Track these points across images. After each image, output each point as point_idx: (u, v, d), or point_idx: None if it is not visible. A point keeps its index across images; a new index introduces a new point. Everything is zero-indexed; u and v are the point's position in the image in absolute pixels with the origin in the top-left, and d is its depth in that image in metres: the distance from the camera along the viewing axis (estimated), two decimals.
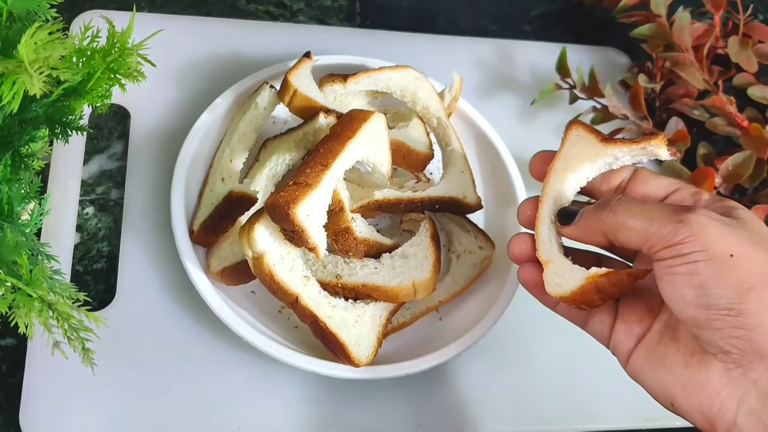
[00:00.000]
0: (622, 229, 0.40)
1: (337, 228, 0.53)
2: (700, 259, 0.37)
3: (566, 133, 0.46)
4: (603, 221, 0.41)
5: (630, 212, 0.40)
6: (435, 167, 0.65)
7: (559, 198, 0.45)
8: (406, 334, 0.57)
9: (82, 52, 0.46)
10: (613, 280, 0.41)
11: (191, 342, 0.55)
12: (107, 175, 0.62)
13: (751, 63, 0.68)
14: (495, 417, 0.58)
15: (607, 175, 0.45)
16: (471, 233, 0.60)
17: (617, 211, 0.41)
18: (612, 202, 0.42)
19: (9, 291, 0.42)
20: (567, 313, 0.46)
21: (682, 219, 0.38)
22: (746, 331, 0.36)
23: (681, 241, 0.38)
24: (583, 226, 0.43)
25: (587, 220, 0.43)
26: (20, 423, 0.50)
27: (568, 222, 0.44)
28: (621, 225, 0.40)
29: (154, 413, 0.52)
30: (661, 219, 0.39)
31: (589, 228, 0.43)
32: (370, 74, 0.63)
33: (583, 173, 0.45)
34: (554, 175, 0.46)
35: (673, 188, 0.44)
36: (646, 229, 0.39)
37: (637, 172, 0.45)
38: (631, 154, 0.44)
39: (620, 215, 0.41)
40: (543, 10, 0.84)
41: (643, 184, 0.45)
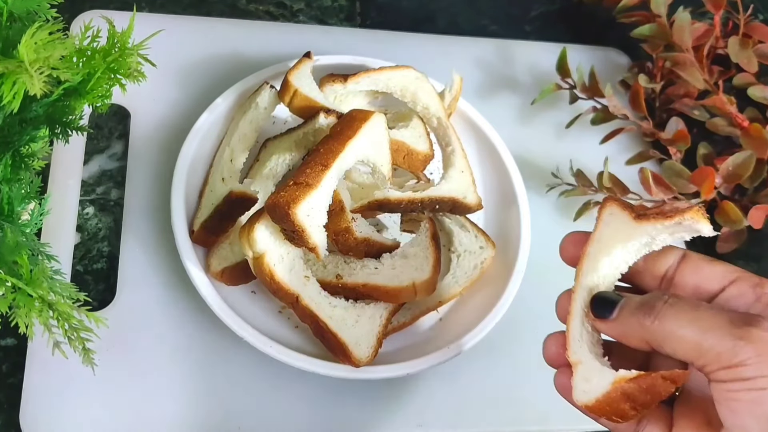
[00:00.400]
0: (669, 339, 0.34)
1: (338, 228, 0.53)
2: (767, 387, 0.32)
3: (600, 211, 0.40)
4: (646, 327, 0.35)
5: (679, 320, 0.34)
6: (435, 167, 0.65)
7: (594, 288, 0.39)
8: (406, 334, 0.57)
9: (83, 52, 0.46)
10: (645, 385, 0.35)
11: (191, 342, 0.55)
12: (107, 175, 0.62)
13: (752, 63, 0.68)
14: (495, 417, 0.58)
15: (651, 260, 0.39)
16: (471, 233, 0.60)
17: (664, 317, 0.35)
18: (658, 304, 0.35)
19: (9, 291, 0.42)
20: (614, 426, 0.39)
21: (743, 335, 0.32)
22: None
23: (743, 363, 0.32)
24: (621, 325, 0.37)
25: (626, 320, 0.37)
26: (20, 423, 0.50)
27: (603, 314, 0.38)
28: (668, 335, 0.34)
29: (154, 413, 0.52)
30: (718, 332, 0.33)
31: (629, 330, 0.36)
32: (371, 74, 0.63)
33: (618, 257, 0.39)
34: (587, 260, 0.39)
35: (730, 279, 0.37)
36: (698, 343, 0.33)
37: (687, 258, 0.39)
38: (667, 232, 0.38)
39: (667, 323, 0.34)
40: (543, 10, 0.84)
41: (693, 272, 0.38)
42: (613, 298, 0.38)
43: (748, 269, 0.61)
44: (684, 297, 0.36)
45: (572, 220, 0.68)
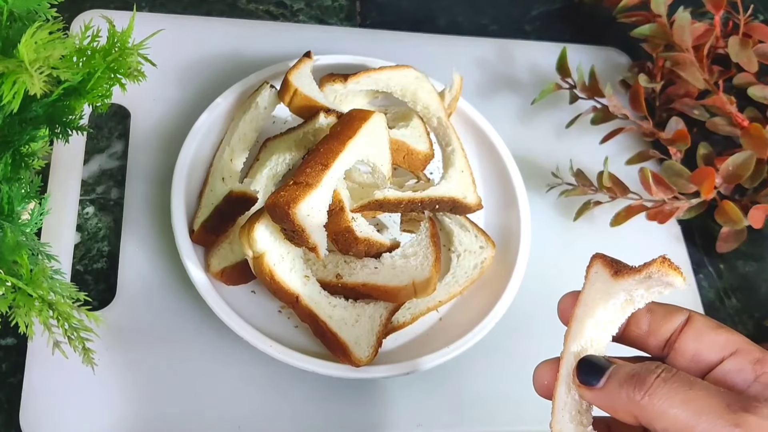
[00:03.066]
0: (660, 418, 0.32)
1: (338, 228, 0.53)
2: None
3: (587, 270, 0.38)
4: (635, 402, 0.33)
5: (672, 399, 0.32)
6: (435, 167, 0.65)
7: (582, 353, 0.37)
8: (406, 334, 0.57)
9: (83, 52, 0.46)
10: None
11: (191, 342, 0.55)
12: (107, 175, 0.62)
13: (752, 63, 0.68)
14: (495, 417, 0.58)
15: (657, 323, 0.37)
16: (471, 233, 0.60)
17: (655, 393, 0.33)
18: (649, 378, 0.33)
19: (9, 290, 0.42)
20: None
21: (739, 421, 0.31)
22: None
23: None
24: (608, 396, 0.35)
25: (614, 392, 0.34)
26: (20, 423, 0.50)
27: (590, 381, 0.35)
28: (659, 414, 0.32)
29: (154, 413, 0.52)
30: (713, 416, 0.31)
31: (617, 403, 0.34)
32: (371, 74, 0.63)
33: (602, 318, 0.37)
34: (575, 323, 0.37)
35: (731, 350, 0.35)
36: (692, 426, 0.31)
37: (692, 321, 0.37)
38: (642, 287, 0.36)
39: (659, 400, 0.33)
40: (543, 10, 0.84)
41: (695, 339, 0.36)
42: (602, 364, 0.36)
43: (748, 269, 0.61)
44: (678, 371, 0.34)
45: (572, 220, 0.68)
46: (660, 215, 0.65)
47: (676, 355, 0.37)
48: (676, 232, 0.70)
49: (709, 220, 0.69)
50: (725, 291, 0.69)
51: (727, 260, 0.70)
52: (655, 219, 0.65)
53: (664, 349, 0.37)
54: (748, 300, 0.68)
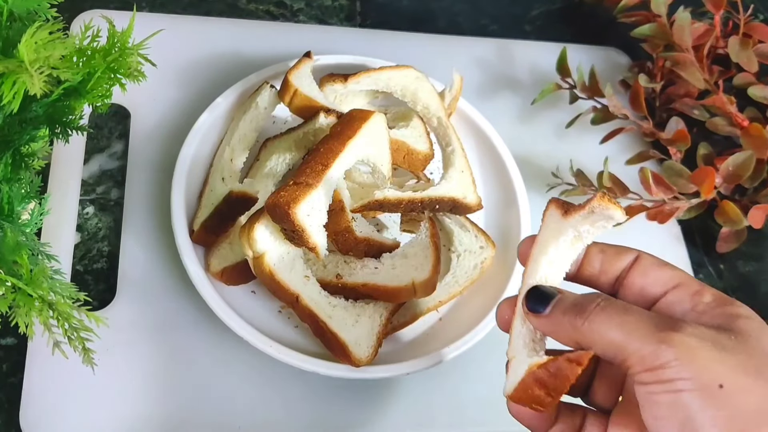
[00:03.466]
0: (598, 341, 0.35)
1: (338, 228, 0.53)
2: (685, 389, 0.32)
3: (543, 214, 0.41)
4: (576, 328, 0.35)
5: (608, 323, 0.35)
6: (435, 167, 0.65)
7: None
8: (406, 334, 0.57)
9: (83, 52, 0.46)
10: (553, 369, 0.35)
11: (191, 342, 0.55)
12: (107, 175, 0.62)
13: (752, 63, 0.68)
14: (495, 417, 0.58)
15: (607, 263, 0.40)
16: (471, 233, 0.60)
17: (594, 319, 0.35)
18: (589, 306, 0.36)
19: (9, 291, 0.42)
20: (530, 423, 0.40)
21: (665, 338, 0.33)
22: None
23: (663, 365, 0.32)
24: (552, 322, 0.37)
25: (558, 318, 0.37)
26: (20, 423, 0.50)
27: (537, 309, 0.38)
28: (597, 337, 0.35)
29: (154, 413, 0.52)
30: (642, 335, 0.33)
31: (560, 329, 0.37)
32: (371, 74, 0.63)
33: (554, 255, 0.39)
34: (531, 262, 0.40)
35: (673, 284, 0.38)
36: (624, 345, 0.34)
37: (639, 260, 0.39)
38: (587, 222, 0.38)
39: (596, 325, 0.35)
40: (543, 10, 0.84)
41: (641, 275, 0.39)
42: (549, 293, 0.38)
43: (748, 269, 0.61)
44: (616, 300, 0.36)
45: None
46: (660, 215, 0.65)
47: (624, 290, 0.39)
48: (676, 232, 0.70)
49: (709, 220, 0.69)
50: (725, 291, 0.69)
51: (727, 260, 0.70)
52: (655, 219, 0.65)
53: (614, 286, 0.40)
54: (748, 300, 0.68)
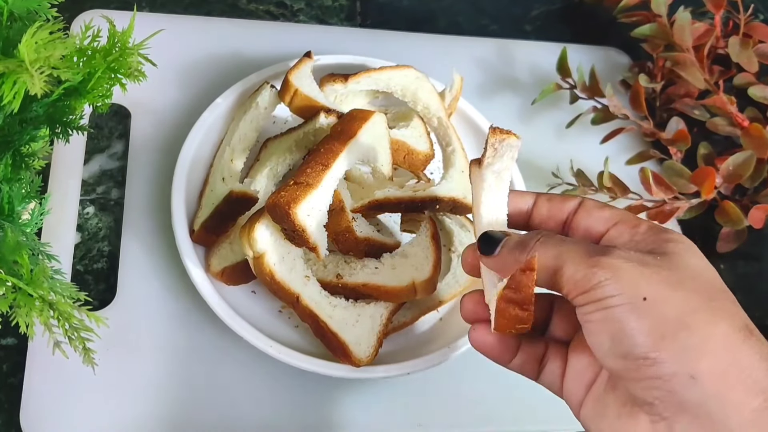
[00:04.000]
0: (539, 272, 0.37)
1: (338, 228, 0.53)
2: (614, 305, 0.35)
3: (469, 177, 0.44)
4: (520, 263, 0.38)
5: (545, 254, 0.38)
6: (435, 167, 0.65)
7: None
8: (406, 334, 0.57)
9: (83, 52, 0.46)
10: (514, 285, 0.38)
11: (191, 342, 0.55)
12: (108, 175, 0.62)
13: (752, 63, 0.68)
14: (495, 417, 0.58)
15: (554, 209, 0.42)
16: (472, 233, 0.60)
17: (534, 252, 0.38)
18: (531, 242, 0.39)
19: (10, 290, 0.42)
20: (520, 367, 0.43)
21: (596, 262, 0.36)
22: (664, 381, 0.34)
23: (595, 286, 0.35)
24: (501, 261, 0.40)
25: (505, 257, 0.40)
26: (20, 423, 0.50)
27: (487, 251, 0.41)
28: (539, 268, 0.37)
29: (154, 413, 0.52)
30: (576, 262, 0.36)
31: (507, 265, 0.39)
32: (371, 74, 0.63)
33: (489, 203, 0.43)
34: (475, 217, 0.44)
35: (614, 221, 0.40)
36: (560, 272, 0.37)
37: (583, 204, 0.42)
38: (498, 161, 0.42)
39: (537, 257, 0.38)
40: (544, 10, 0.84)
41: (586, 217, 0.41)
42: (497, 236, 0.41)
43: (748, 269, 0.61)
44: (555, 234, 0.39)
45: None
46: (660, 215, 0.65)
47: (571, 232, 0.42)
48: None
49: (709, 220, 0.68)
50: None
51: (727, 260, 0.70)
52: (655, 219, 0.65)
53: (563, 229, 0.42)
54: (748, 300, 0.68)
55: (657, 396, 0.34)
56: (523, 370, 0.43)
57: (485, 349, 0.43)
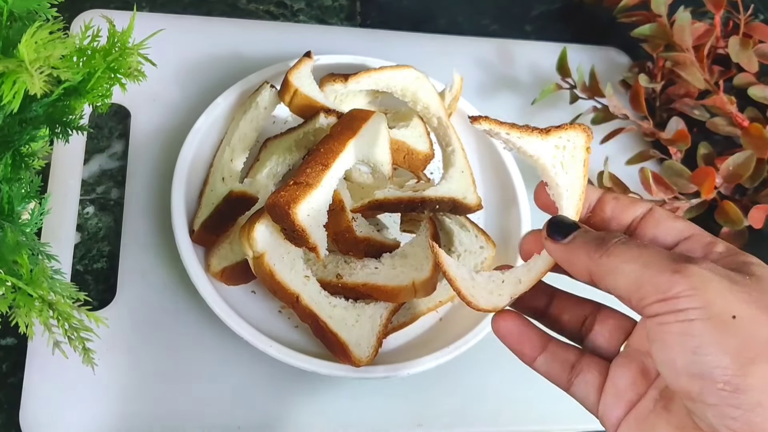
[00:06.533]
0: (612, 273, 0.35)
1: (338, 228, 0.53)
2: (697, 318, 0.32)
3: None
4: (593, 259, 0.36)
5: (625, 256, 0.35)
6: (435, 167, 0.65)
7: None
8: (406, 334, 0.57)
9: (83, 52, 0.46)
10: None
11: (191, 342, 0.55)
12: (108, 175, 0.62)
13: (752, 63, 0.68)
14: (495, 417, 0.58)
15: (619, 210, 0.40)
16: (471, 233, 0.60)
17: (612, 253, 0.35)
18: (610, 242, 0.36)
19: (9, 290, 0.42)
20: (546, 370, 0.41)
21: (680, 269, 0.33)
22: (744, 411, 0.30)
23: (677, 295, 0.32)
24: (570, 251, 0.38)
25: (577, 248, 0.37)
26: (20, 423, 0.50)
27: (557, 236, 0.38)
28: (612, 269, 0.35)
29: (153, 413, 0.52)
30: (657, 266, 0.33)
31: (576, 258, 0.37)
32: (371, 74, 0.63)
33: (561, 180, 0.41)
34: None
35: (685, 235, 0.38)
36: (638, 276, 0.34)
37: (652, 212, 0.39)
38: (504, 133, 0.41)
39: (614, 257, 0.35)
40: (544, 10, 0.84)
41: (654, 226, 0.39)
42: (572, 223, 0.39)
43: None
44: (635, 239, 0.37)
45: None
46: None
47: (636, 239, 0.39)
48: None
49: (709, 221, 0.68)
50: None
51: None
52: None
53: (625, 234, 0.40)
54: None
55: (731, 426, 0.31)
56: (549, 374, 0.41)
57: (506, 335, 0.41)
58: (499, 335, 0.41)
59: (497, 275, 0.41)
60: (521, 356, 0.41)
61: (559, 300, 0.42)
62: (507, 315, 0.41)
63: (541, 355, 0.41)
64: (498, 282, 0.41)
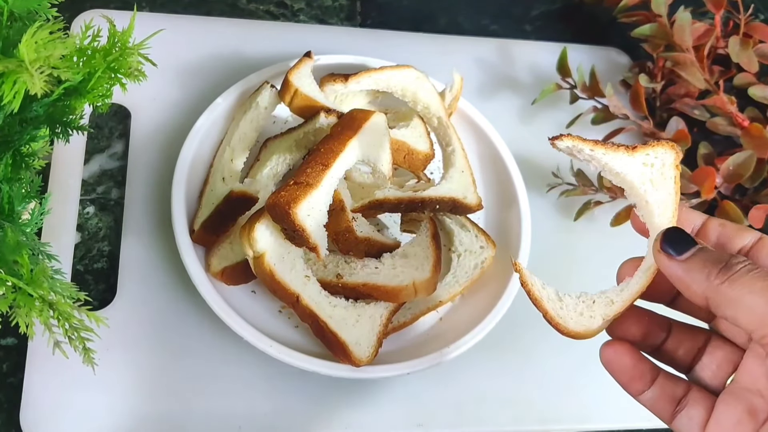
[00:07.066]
0: (734, 303, 0.32)
1: (338, 228, 0.53)
2: None
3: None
4: (713, 284, 0.33)
5: (752, 287, 0.32)
6: (435, 167, 0.65)
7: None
8: (406, 334, 0.57)
9: (83, 52, 0.46)
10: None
11: (191, 342, 0.55)
12: (108, 175, 0.62)
13: (752, 63, 0.68)
14: (495, 417, 0.58)
15: (724, 237, 0.38)
16: (472, 233, 0.60)
17: (737, 280, 0.33)
18: (735, 267, 0.33)
19: (10, 290, 0.42)
20: (652, 403, 0.39)
21: None
22: None
23: None
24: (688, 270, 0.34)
25: (695, 267, 0.34)
26: (20, 423, 0.50)
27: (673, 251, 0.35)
28: (735, 299, 0.32)
29: (154, 413, 0.52)
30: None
31: (693, 279, 0.34)
32: (371, 74, 0.63)
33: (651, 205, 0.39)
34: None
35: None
36: (765, 312, 0.31)
37: (763, 241, 0.37)
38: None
39: (738, 287, 0.32)
40: (544, 10, 0.84)
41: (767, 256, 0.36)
42: (691, 238, 0.35)
43: None
44: (762, 267, 0.34)
45: (572, 220, 0.68)
46: None
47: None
48: None
49: None
50: None
51: None
52: None
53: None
54: None
55: None
56: (654, 407, 0.39)
57: (617, 369, 0.38)
58: (609, 368, 0.39)
59: (587, 296, 0.39)
60: (628, 389, 0.39)
61: (675, 333, 0.40)
62: (619, 347, 0.39)
63: (650, 389, 0.39)
64: (588, 303, 0.39)
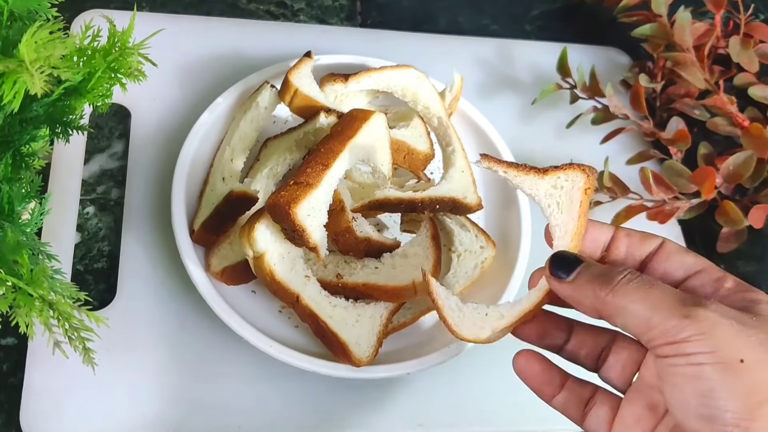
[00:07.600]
0: (621, 313, 0.35)
1: (338, 228, 0.53)
2: (706, 362, 0.32)
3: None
4: (600, 298, 0.36)
5: (632, 296, 0.35)
6: (435, 167, 0.65)
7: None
8: (406, 334, 0.57)
9: (83, 52, 0.46)
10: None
11: (191, 341, 0.55)
12: (108, 175, 0.62)
13: (752, 63, 0.68)
14: (495, 417, 0.58)
15: (633, 247, 0.40)
16: (472, 233, 0.60)
17: (619, 291, 0.36)
18: (616, 279, 0.36)
19: (10, 290, 0.42)
20: (563, 406, 0.42)
21: (689, 313, 0.33)
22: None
23: (686, 339, 0.33)
24: (576, 289, 0.38)
25: (582, 286, 0.38)
26: (20, 423, 0.50)
27: (560, 274, 0.39)
28: (620, 309, 0.35)
29: (154, 413, 0.52)
30: (666, 309, 0.34)
31: (582, 296, 0.37)
32: (371, 74, 0.63)
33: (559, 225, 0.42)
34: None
35: (695, 269, 0.38)
36: (647, 318, 0.34)
37: (664, 246, 0.40)
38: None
39: (621, 297, 0.35)
40: (544, 10, 0.84)
41: (665, 260, 0.39)
42: (574, 259, 0.39)
43: (748, 269, 0.61)
44: (642, 275, 0.37)
45: None
46: (660, 215, 0.65)
47: (648, 274, 0.39)
48: (676, 232, 0.70)
49: (709, 220, 0.68)
50: None
51: (727, 260, 0.70)
52: (655, 219, 0.65)
53: (639, 269, 0.40)
54: None
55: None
56: (565, 410, 0.41)
57: (528, 376, 0.41)
58: (521, 376, 0.41)
59: (482, 308, 0.43)
60: (540, 395, 0.42)
61: (577, 334, 0.42)
62: (529, 356, 0.41)
63: (560, 394, 0.41)
64: (482, 315, 0.42)
